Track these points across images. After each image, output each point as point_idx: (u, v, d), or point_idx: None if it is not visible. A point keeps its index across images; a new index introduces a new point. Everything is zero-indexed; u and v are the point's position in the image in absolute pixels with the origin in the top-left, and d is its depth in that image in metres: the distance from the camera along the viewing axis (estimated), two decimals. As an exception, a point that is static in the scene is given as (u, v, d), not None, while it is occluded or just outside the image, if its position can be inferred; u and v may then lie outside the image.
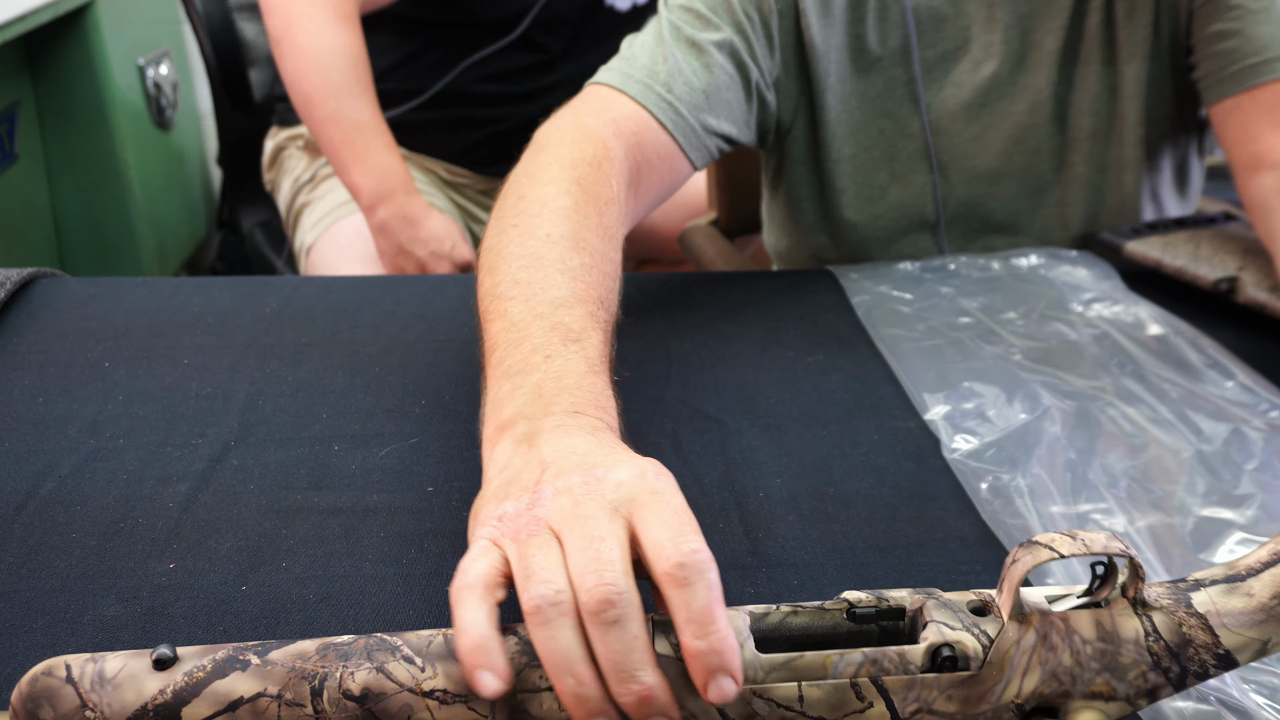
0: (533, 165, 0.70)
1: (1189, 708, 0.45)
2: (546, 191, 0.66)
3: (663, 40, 0.81)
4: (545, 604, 0.37)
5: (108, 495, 0.57)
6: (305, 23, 1.16)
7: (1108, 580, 0.40)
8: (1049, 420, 0.64)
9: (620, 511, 0.41)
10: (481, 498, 0.46)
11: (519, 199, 0.66)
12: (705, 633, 0.37)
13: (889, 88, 0.87)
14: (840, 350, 0.74)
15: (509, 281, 0.59)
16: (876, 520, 0.57)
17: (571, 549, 0.39)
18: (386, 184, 1.16)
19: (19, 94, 1.78)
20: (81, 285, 0.81)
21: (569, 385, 0.51)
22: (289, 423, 0.64)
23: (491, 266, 0.61)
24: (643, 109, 0.77)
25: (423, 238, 1.17)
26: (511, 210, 0.65)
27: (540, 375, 0.52)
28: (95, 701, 0.36)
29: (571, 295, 0.58)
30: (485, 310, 0.59)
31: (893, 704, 0.38)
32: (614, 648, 0.37)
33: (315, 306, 0.78)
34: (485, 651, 0.37)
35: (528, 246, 0.61)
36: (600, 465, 0.44)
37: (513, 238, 0.62)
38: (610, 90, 0.79)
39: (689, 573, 0.38)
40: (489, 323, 0.58)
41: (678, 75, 0.79)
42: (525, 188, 0.67)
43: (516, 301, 0.57)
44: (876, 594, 0.40)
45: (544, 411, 0.50)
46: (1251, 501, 0.59)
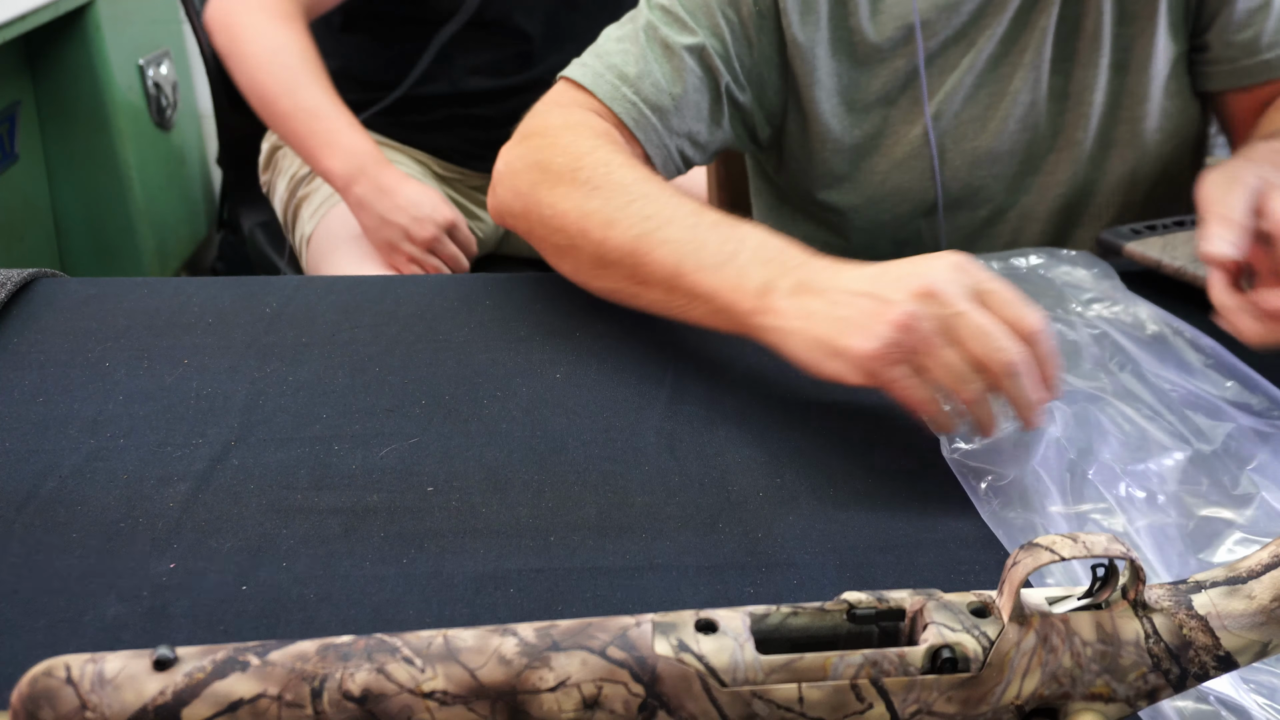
0: (552, 141, 0.74)
1: (1189, 707, 0.45)
2: (584, 145, 0.73)
3: (637, 39, 0.82)
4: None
5: (108, 495, 0.57)
6: (247, 30, 1.18)
7: (1108, 582, 0.40)
8: (1049, 420, 0.64)
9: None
10: (817, 346, 0.58)
11: (567, 170, 0.72)
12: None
13: (890, 78, 0.87)
14: (840, 350, 0.74)
15: (638, 218, 0.67)
16: (876, 520, 0.57)
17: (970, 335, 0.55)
18: (355, 161, 1.16)
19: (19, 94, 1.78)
20: (81, 285, 0.81)
21: (778, 243, 0.63)
22: (289, 422, 0.64)
23: (608, 221, 0.68)
24: (608, 109, 0.79)
25: (400, 205, 1.17)
26: (571, 179, 0.71)
27: (748, 251, 0.63)
28: (95, 702, 0.36)
29: (694, 202, 0.67)
30: (635, 250, 0.67)
31: (893, 705, 0.38)
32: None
33: (315, 306, 0.78)
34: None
35: (625, 193, 0.69)
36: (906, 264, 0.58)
37: (605, 196, 0.70)
38: (578, 88, 0.80)
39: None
40: (649, 254, 0.66)
41: (646, 77, 0.80)
42: (569, 158, 0.72)
43: (662, 225, 0.66)
44: (876, 595, 0.40)
45: (785, 268, 0.61)
46: (1251, 501, 0.59)
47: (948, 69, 0.87)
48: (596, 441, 0.63)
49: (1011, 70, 0.88)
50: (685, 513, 0.58)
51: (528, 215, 0.75)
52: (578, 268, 0.74)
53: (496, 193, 0.79)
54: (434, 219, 1.18)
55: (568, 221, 0.71)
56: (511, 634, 0.38)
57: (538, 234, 0.75)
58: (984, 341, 0.55)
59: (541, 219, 0.74)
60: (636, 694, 0.37)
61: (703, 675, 0.37)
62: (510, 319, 0.77)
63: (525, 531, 0.56)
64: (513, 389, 0.68)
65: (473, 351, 0.73)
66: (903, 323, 0.55)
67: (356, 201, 1.18)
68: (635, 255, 0.67)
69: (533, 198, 0.74)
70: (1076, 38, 0.88)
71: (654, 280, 0.67)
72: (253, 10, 1.19)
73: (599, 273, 0.72)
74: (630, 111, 0.80)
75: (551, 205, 0.72)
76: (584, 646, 0.37)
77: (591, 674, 0.37)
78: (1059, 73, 0.89)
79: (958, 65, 0.87)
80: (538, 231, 0.75)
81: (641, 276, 0.68)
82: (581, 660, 0.37)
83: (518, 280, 0.83)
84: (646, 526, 0.56)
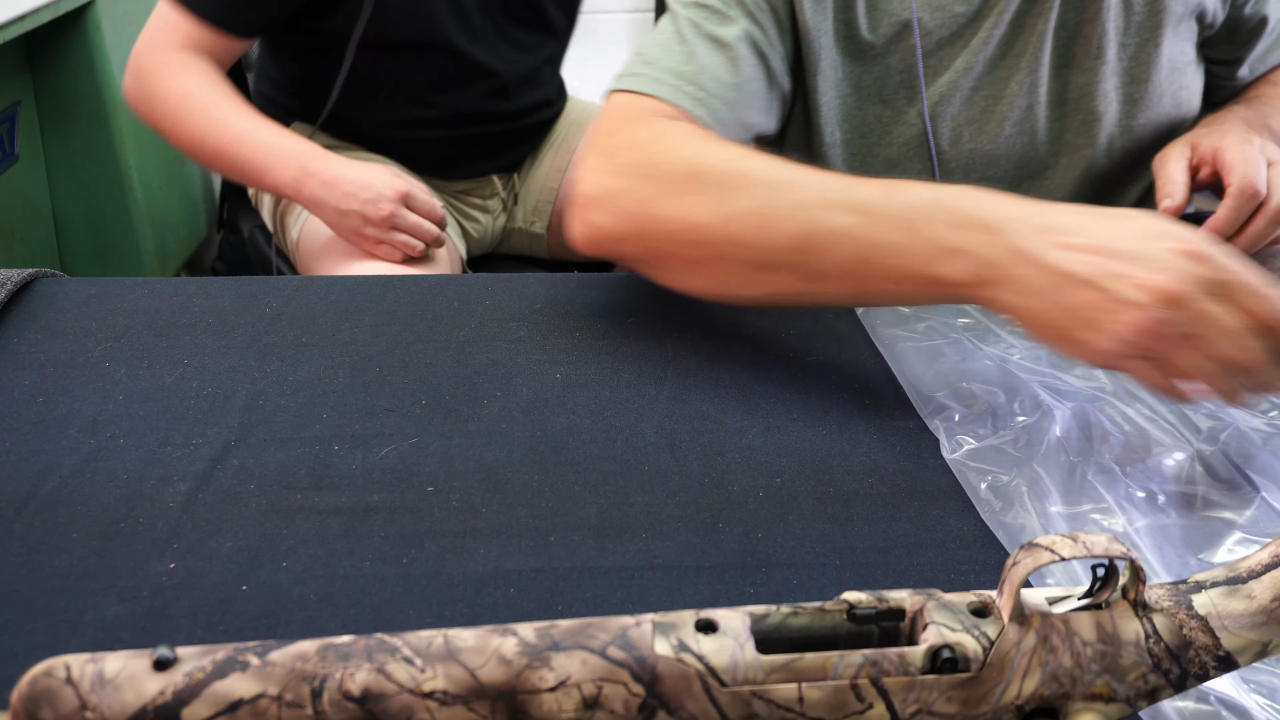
0: (652, 152, 0.70)
1: (1189, 707, 0.45)
2: (692, 146, 0.70)
3: (683, 39, 0.79)
4: None
5: (108, 495, 0.57)
6: (156, 95, 1.18)
7: (1108, 582, 0.40)
8: (1049, 420, 0.64)
9: None
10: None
11: (687, 176, 0.67)
12: None
13: (885, 75, 0.87)
14: (840, 350, 0.74)
15: (793, 209, 0.64)
16: (876, 520, 0.57)
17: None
18: (294, 164, 1.14)
19: (19, 94, 1.78)
20: (81, 285, 0.81)
21: (954, 199, 0.60)
22: (289, 422, 0.64)
23: (761, 221, 0.64)
24: (677, 110, 0.75)
25: (349, 191, 1.14)
26: (697, 184, 0.67)
27: (928, 216, 0.60)
28: (95, 702, 0.36)
29: (836, 176, 0.65)
30: (803, 246, 0.63)
31: (893, 705, 0.38)
32: None
33: (315, 306, 0.78)
34: None
35: (766, 186, 0.65)
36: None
37: (745, 194, 0.65)
38: (640, 97, 0.76)
39: None
40: (822, 247, 0.63)
41: (705, 73, 0.77)
42: (684, 164, 0.68)
43: (823, 211, 0.63)
44: (876, 595, 0.40)
45: (988, 232, 0.58)
46: (1251, 501, 0.59)
47: (942, 69, 0.87)
48: (596, 441, 0.63)
49: (1008, 73, 0.88)
50: (685, 513, 0.58)
51: (645, 235, 0.68)
52: (727, 278, 0.68)
53: (590, 220, 0.71)
54: (386, 195, 1.14)
55: (710, 231, 0.65)
56: (511, 634, 0.38)
57: (664, 251, 0.69)
58: (1229, 342, 0.54)
59: (669, 235, 0.67)
60: (636, 694, 0.37)
61: (703, 675, 0.37)
62: (510, 319, 0.77)
63: (525, 531, 0.56)
64: (513, 389, 0.68)
65: (473, 351, 0.73)
66: (1144, 328, 0.54)
67: (311, 203, 1.16)
68: (804, 252, 0.63)
69: (650, 215, 0.68)
70: (1076, 43, 0.88)
71: (833, 274, 0.63)
72: (153, 74, 1.18)
73: (759, 278, 0.66)
74: (701, 108, 0.76)
75: (681, 218, 0.66)
76: (584, 646, 0.37)
77: (591, 674, 0.37)
78: (1058, 78, 0.89)
79: (951, 66, 0.87)
80: (664, 249, 0.69)
81: (817, 273, 0.64)
82: (581, 660, 0.37)
83: (518, 280, 0.83)
84: (646, 526, 0.56)
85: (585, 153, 0.74)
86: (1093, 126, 0.90)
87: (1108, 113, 0.90)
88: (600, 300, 0.80)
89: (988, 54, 0.87)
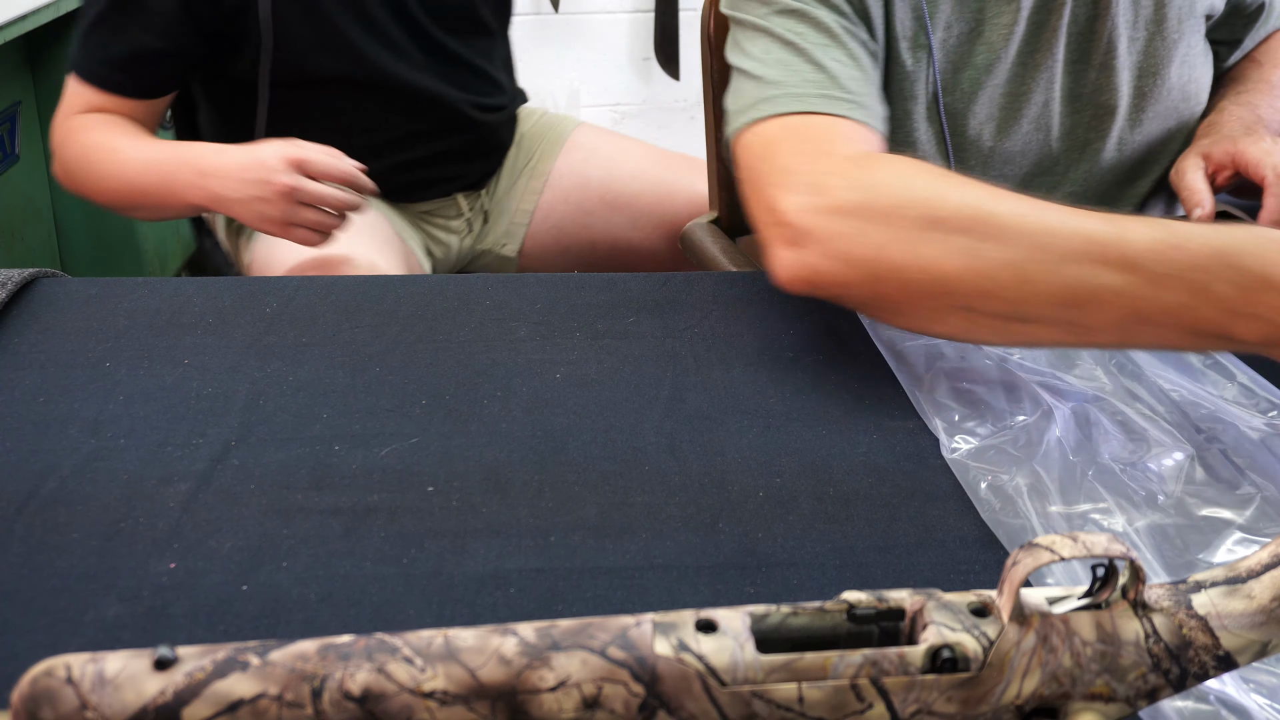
0: (870, 189, 0.65)
1: (1188, 707, 0.45)
2: (916, 183, 0.64)
3: (797, 49, 0.76)
4: None
5: (108, 495, 0.57)
6: (69, 153, 1.15)
7: (1108, 582, 0.40)
8: (1049, 420, 0.64)
9: None
10: None
11: (925, 220, 0.62)
12: None
13: (899, 73, 0.87)
14: (840, 350, 0.74)
15: (1056, 262, 0.59)
16: (876, 520, 0.57)
17: None
18: (189, 169, 1.09)
19: (19, 94, 1.78)
20: (81, 285, 0.81)
21: (1254, 245, 0.57)
22: (290, 422, 0.64)
23: (1022, 276, 0.59)
24: (838, 119, 0.72)
25: (241, 177, 1.06)
26: (936, 229, 0.61)
27: (1236, 269, 0.56)
28: (95, 702, 0.36)
29: (1096, 216, 0.60)
30: (1070, 303, 0.59)
31: (892, 705, 0.38)
32: None
33: (315, 306, 0.78)
34: None
35: (1020, 234, 0.60)
36: None
37: (999, 243, 0.60)
38: (789, 119, 0.73)
39: None
40: (1090, 305, 0.58)
41: (840, 75, 0.75)
42: (915, 205, 0.63)
43: (1091, 264, 0.58)
44: (876, 594, 0.40)
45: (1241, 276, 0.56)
46: (1251, 501, 0.59)
47: (963, 65, 0.87)
48: (596, 441, 0.63)
49: (1027, 71, 0.88)
50: (685, 513, 0.58)
51: (878, 282, 0.64)
52: (973, 328, 0.63)
53: (806, 262, 0.66)
54: (275, 167, 1.04)
55: (959, 283, 0.61)
56: (511, 634, 0.38)
57: (897, 299, 0.64)
58: None
59: (906, 283, 0.63)
60: (636, 694, 0.37)
61: (703, 675, 0.37)
62: (510, 319, 0.77)
63: (525, 531, 0.56)
64: (513, 389, 0.68)
65: (473, 351, 0.73)
66: None
67: (218, 204, 1.08)
68: (1069, 308, 0.59)
69: (885, 262, 0.63)
70: (1089, 38, 0.88)
71: (1101, 329, 0.60)
72: (63, 143, 1.15)
73: (1011, 329, 0.62)
74: (859, 110, 0.73)
75: (923, 268, 0.62)
76: (584, 646, 0.37)
77: (591, 674, 0.37)
78: (1071, 73, 0.89)
79: (971, 63, 0.87)
80: (898, 296, 0.64)
81: (1082, 328, 0.60)
82: (581, 660, 0.37)
83: (518, 280, 0.83)
84: (646, 526, 0.56)
85: (769, 187, 0.69)
86: (1104, 121, 0.91)
87: (1119, 107, 0.90)
88: (600, 300, 0.80)
89: (1010, 51, 0.87)
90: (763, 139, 0.73)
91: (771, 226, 0.68)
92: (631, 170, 1.45)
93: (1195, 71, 0.94)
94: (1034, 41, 0.87)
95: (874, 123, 0.75)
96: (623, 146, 1.49)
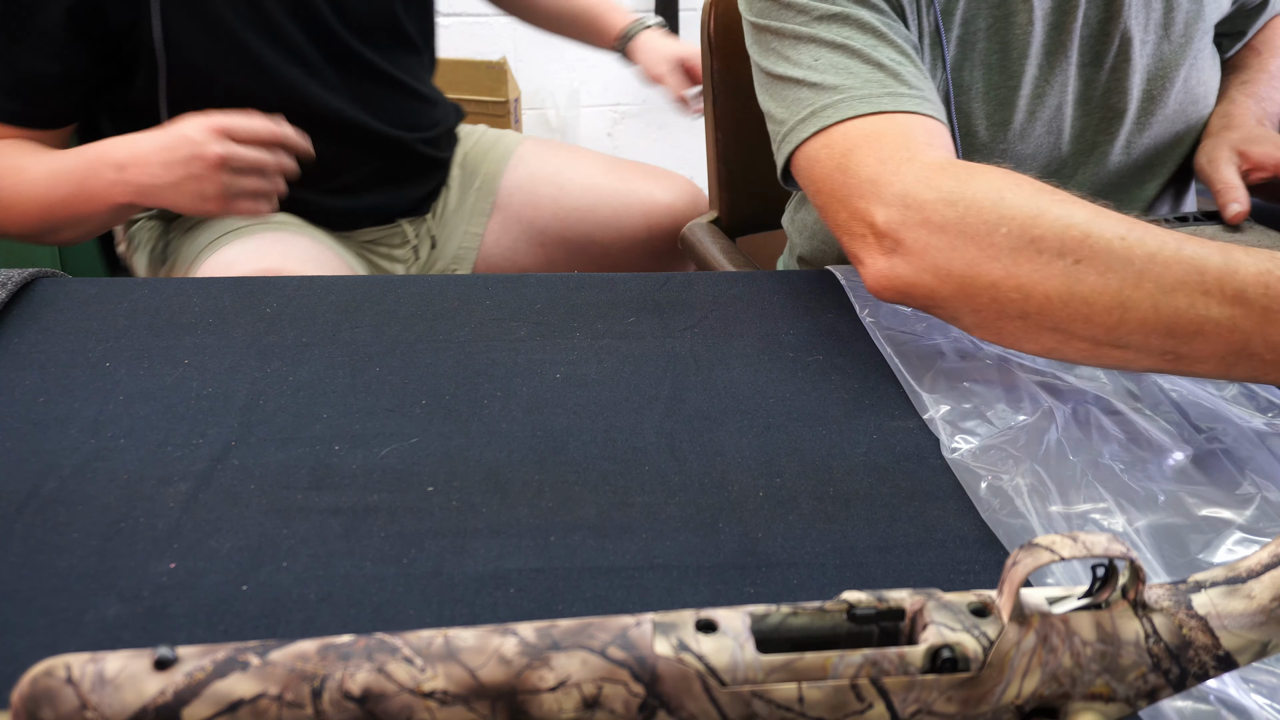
0: (958, 203, 0.64)
1: (1188, 707, 0.45)
2: (1010, 199, 0.63)
3: (851, 50, 0.75)
4: None
5: (108, 495, 0.57)
6: None
7: (1108, 582, 0.40)
8: (1049, 420, 0.64)
9: None
10: None
11: (1021, 240, 0.61)
12: None
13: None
14: (840, 350, 0.74)
15: (1157, 292, 0.58)
16: (876, 520, 0.57)
17: None
18: (104, 166, 1.02)
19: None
20: (81, 285, 0.81)
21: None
22: (290, 422, 0.64)
23: (1119, 301, 0.59)
24: (911, 115, 0.72)
25: (166, 158, 1.00)
26: (1030, 250, 0.60)
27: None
28: (95, 702, 0.36)
29: (1193, 241, 0.59)
30: (1171, 333, 0.58)
31: (892, 705, 0.38)
32: None
33: (315, 306, 0.78)
34: None
35: (1118, 259, 0.59)
36: None
37: (1096, 268, 0.59)
38: (859, 122, 0.71)
39: None
40: (1192, 339, 0.58)
41: (900, 71, 0.74)
42: (1008, 222, 0.62)
43: (1190, 295, 0.57)
44: (876, 594, 0.40)
45: None
46: (1251, 501, 0.59)
47: (978, 64, 0.87)
48: (596, 441, 0.63)
49: (1042, 74, 0.88)
50: (685, 513, 0.58)
51: (972, 298, 0.64)
52: (1065, 349, 0.63)
53: (898, 274, 0.67)
54: (200, 139, 0.99)
55: (1055, 307, 0.61)
56: (511, 634, 0.38)
57: (990, 315, 0.64)
58: None
59: (999, 300, 0.63)
60: (636, 694, 0.37)
61: (703, 675, 0.37)
62: (510, 319, 0.77)
63: (525, 531, 0.56)
64: (513, 389, 0.68)
65: (473, 351, 0.73)
66: None
67: (147, 194, 1.02)
68: (1170, 338, 0.58)
69: (980, 279, 0.63)
70: (1101, 40, 0.88)
71: (1202, 359, 0.59)
72: None
73: (1106, 353, 0.61)
74: (927, 104, 0.71)
75: (1019, 288, 0.61)
76: (584, 646, 0.38)
77: (591, 674, 0.37)
78: (1082, 76, 0.89)
79: (985, 62, 0.87)
80: (990, 312, 0.64)
81: (1182, 357, 0.59)
82: (581, 660, 0.37)
83: (518, 280, 0.83)
84: (646, 526, 0.56)
85: (857, 200, 0.69)
86: (1113, 124, 0.91)
87: (1128, 110, 0.91)
88: (600, 300, 0.80)
89: (1031, 54, 0.87)
90: (837, 147, 0.72)
91: (862, 237, 0.69)
92: (582, 183, 1.41)
93: (1204, 75, 0.94)
94: (1051, 44, 0.87)
95: (940, 115, 0.74)
96: (571, 158, 1.45)
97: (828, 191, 0.72)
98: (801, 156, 0.75)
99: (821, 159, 0.73)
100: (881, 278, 0.68)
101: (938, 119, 0.74)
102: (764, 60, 0.80)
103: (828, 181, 0.72)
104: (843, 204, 0.70)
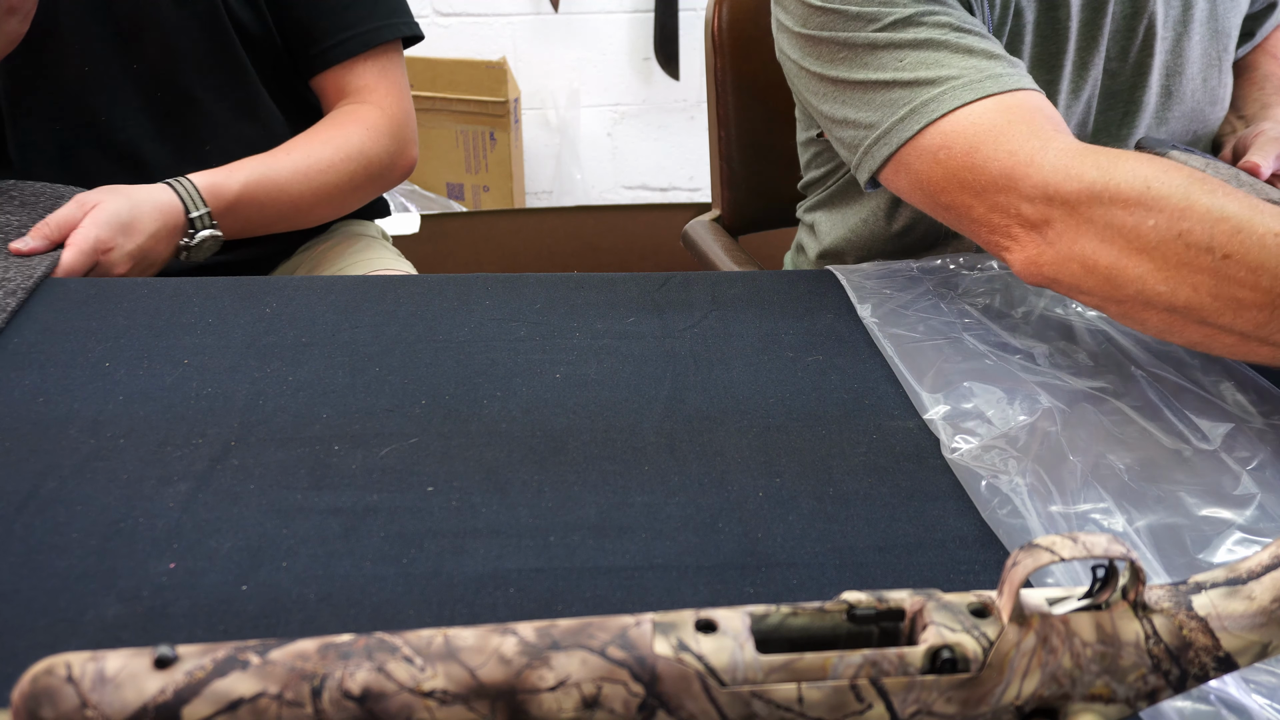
0: (1104, 187, 0.63)
1: (1189, 707, 0.45)
2: (1168, 182, 0.62)
3: (937, 43, 0.74)
4: None
5: (108, 495, 0.57)
6: None
7: (1108, 583, 0.40)
8: (1049, 420, 0.64)
9: None
10: None
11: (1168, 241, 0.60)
12: None
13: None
14: (840, 350, 0.74)
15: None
16: (876, 520, 0.57)
17: None
18: None
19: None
20: (81, 285, 0.81)
21: None
22: (289, 422, 0.64)
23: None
24: (1027, 92, 0.71)
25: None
26: (1202, 235, 0.59)
27: None
28: (96, 701, 0.36)
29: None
30: None
31: (892, 705, 0.38)
32: None
33: (315, 306, 0.78)
34: None
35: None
36: None
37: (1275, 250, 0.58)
38: (980, 105, 0.71)
39: None
40: None
41: (991, 50, 0.74)
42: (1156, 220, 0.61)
43: None
44: (876, 595, 0.40)
45: None
46: (1251, 501, 0.59)
47: (1025, 57, 0.87)
48: (596, 441, 0.63)
49: (1080, 69, 0.88)
50: (685, 513, 0.58)
51: (1118, 288, 0.64)
52: (1209, 343, 0.63)
53: (1044, 258, 0.67)
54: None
55: (1205, 311, 0.61)
56: (511, 633, 0.38)
57: (1132, 306, 0.64)
58: None
59: (1144, 294, 0.63)
60: (636, 693, 0.37)
61: (702, 675, 0.37)
62: (510, 319, 0.77)
63: (525, 531, 0.56)
64: (512, 389, 0.68)
65: (473, 351, 0.73)
66: None
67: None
68: None
69: (1124, 273, 0.63)
70: (1126, 35, 0.88)
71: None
72: None
73: (1251, 349, 0.61)
74: (1029, 79, 0.72)
75: (1171, 292, 0.61)
76: (584, 646, 0.38)
77: (591, 673, 0.37)
78: (1109, 72, 0.90)
79: (1031, 55, 0.87)
80: (1133, 302, 0.64)
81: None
82: (581, 660, 0.37)
83: (518, 280, 0.83)
84: (646, 526, 0.56)
85: (995, 193, 0.69)
86: (1132, 120, 0.91)
87: (1147, 106, 0.91)
88: (600, 300, 0.80)
89: (1070, 50, 0.87)
90: (958, 142, 0.71)
91: (1005, 229, 0.68)
92: None
93: (1225, 77, 0.94)
94: (1085, 38, 0.87)
95: (1039, 87, 0.73)
96: None
97: (955, 188, 0.71)
98: (908, 155, 0.74)
99: (942, 156, 0.72)
100: (1030, 265, 0.68)
101: (1039, 90, 0.72)
102: (832, 70, 0.78)
103: (953, 179, 0.71)
104: (978, 198, 0.70)
